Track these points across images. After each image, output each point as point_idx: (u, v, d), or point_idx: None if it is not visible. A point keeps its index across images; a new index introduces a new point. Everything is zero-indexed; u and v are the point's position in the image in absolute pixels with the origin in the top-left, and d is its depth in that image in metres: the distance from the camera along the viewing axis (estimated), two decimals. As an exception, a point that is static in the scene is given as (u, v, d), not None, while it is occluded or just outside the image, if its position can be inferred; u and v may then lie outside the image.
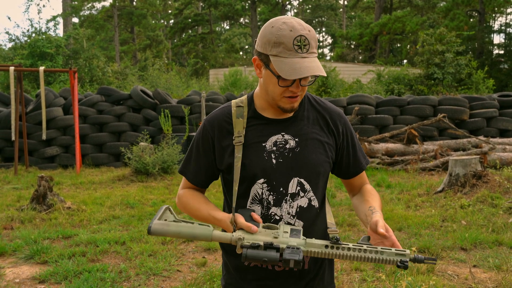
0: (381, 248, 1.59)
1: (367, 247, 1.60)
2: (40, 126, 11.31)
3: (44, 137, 11.09)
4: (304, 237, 1.65)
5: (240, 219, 1.70)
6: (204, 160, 1.91)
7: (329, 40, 58.28)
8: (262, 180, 1.80)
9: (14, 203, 7.53)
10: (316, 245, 1.62)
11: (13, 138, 10.70)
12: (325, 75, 1.67)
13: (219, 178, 2.00)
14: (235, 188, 1.80)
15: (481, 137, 11.10)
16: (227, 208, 1.97)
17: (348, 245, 1.61)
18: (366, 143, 10.98)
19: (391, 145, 11.16)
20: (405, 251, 1.58)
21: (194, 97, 12.77)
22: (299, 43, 1.65)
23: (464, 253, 5.17)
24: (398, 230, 6.03)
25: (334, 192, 8.31)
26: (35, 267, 4.82)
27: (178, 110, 12.17)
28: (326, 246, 1.61)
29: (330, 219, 1.92)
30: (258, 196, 1.81)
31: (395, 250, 1.59)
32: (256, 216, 1.72)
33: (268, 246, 1.61)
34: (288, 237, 1.63)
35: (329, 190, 8.32)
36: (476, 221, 6.24)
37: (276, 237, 1.63)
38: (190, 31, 42.60)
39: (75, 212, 6.89)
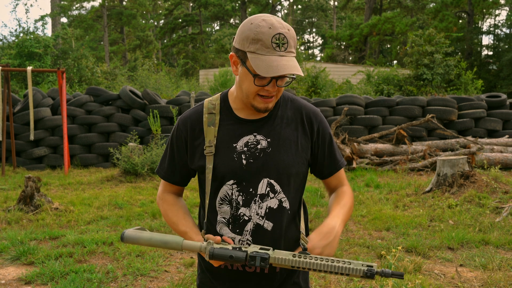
0: (349, 260, 1.60)
1: (334, 258, 1.61)
2: (28, 126, 11.23)
3: (32, 137, 11.01)
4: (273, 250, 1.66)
5: (210, 234, 1.74)
6: (178, 158, 1.91)
7: (319, 41, 58.46)
8: (231, 182, 1.78)
9: (1, 204, 7.47)
10: (283, 253, 1.63)
11: (0, 139, 10.61)
12: (302, 74, 1.63)
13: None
14: (207, 201, 1.81)
15: (469, 138, 11.17)
16: (201, 208, 1.95)
17: (316, 256, 1.62)
18: (355, 144, 11.01)
19: (380, 146, 11.21)
20: (373, 264, 1.58)
21: (183, 97, 12.73)
22: (277, 41, 1.62)
23: (451, 252, 5.20)
24: (386, 230, 6.06)
25: (323, 192, 8.31)
26: (21, 268, 4.79)
27: (167, 110, 12.13)
28: (294, 255, 1.62)
29: (302, 224, 1.86)
30: (228, 196, 1.79)
31: (363, 262, 1.59)
32: (228, 239, 1.72)
33: (236, 249, 1.63)
34: (258, 250, 1.65)
35: (318, 190, 8.34)
36: (463, 220, 6.28)
37: (245, 248, 1.65)
38: (180, 32, 42.53)
39: (63, 212, 6.84)
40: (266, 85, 1.68)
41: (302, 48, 51.37)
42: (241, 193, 1.78)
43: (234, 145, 1.79)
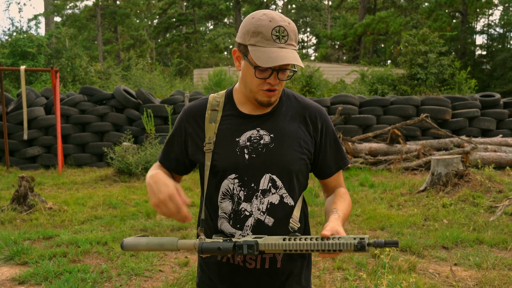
0: (339, 236, 1.56)
1: (324, 236, 1.57)
2: (21, 126, 11.18)
3: (25, 137, 10.96)
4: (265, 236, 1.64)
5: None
6: (176, 146, 1.92)
7: (314, 41, 58.46)
8: (233, 176, 1.78)
9: (-6, 204, 7.44)
10: (273, 238, 1.61)
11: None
12: (302, 65, 1.64)
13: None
14: (206, 196, 1.82)
15: (463, 137, 11.20)
16: (202, 203, 1.93)
17: (307, 236, 1.59)
18: (349, 143, 11.02)
19: (374, 145, 11.22)
20: (364, 236, 1.55)
21: (177, 97, 12.71)
22: (277, 34, 1.65)
23: (445, 251, 5.21)
24: (381, 229, 6.06)
25: (317, 191, 8.32)
26: (15, 268, 4.76)
27: (161, 109, 12.11)
28: (284, 239, 1.60)
29: (297, 212, 1.81)
30: (229, 191, 1.79)
31: (354, 236, 1.55)
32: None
33: (227, 241, 1.63)
34: (250, 239, 1.63)
35: (312, 189, 8.34)
36: (457, 220, 6.29)
37: (238, 239, 1.65)
38: (174, 31, 42.45)
39: (57, 212, 6.81)
40: (268, 77, 1.69)
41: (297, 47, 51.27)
42: (242, 188, 1.78)
43: (237, 139, 1.79)
